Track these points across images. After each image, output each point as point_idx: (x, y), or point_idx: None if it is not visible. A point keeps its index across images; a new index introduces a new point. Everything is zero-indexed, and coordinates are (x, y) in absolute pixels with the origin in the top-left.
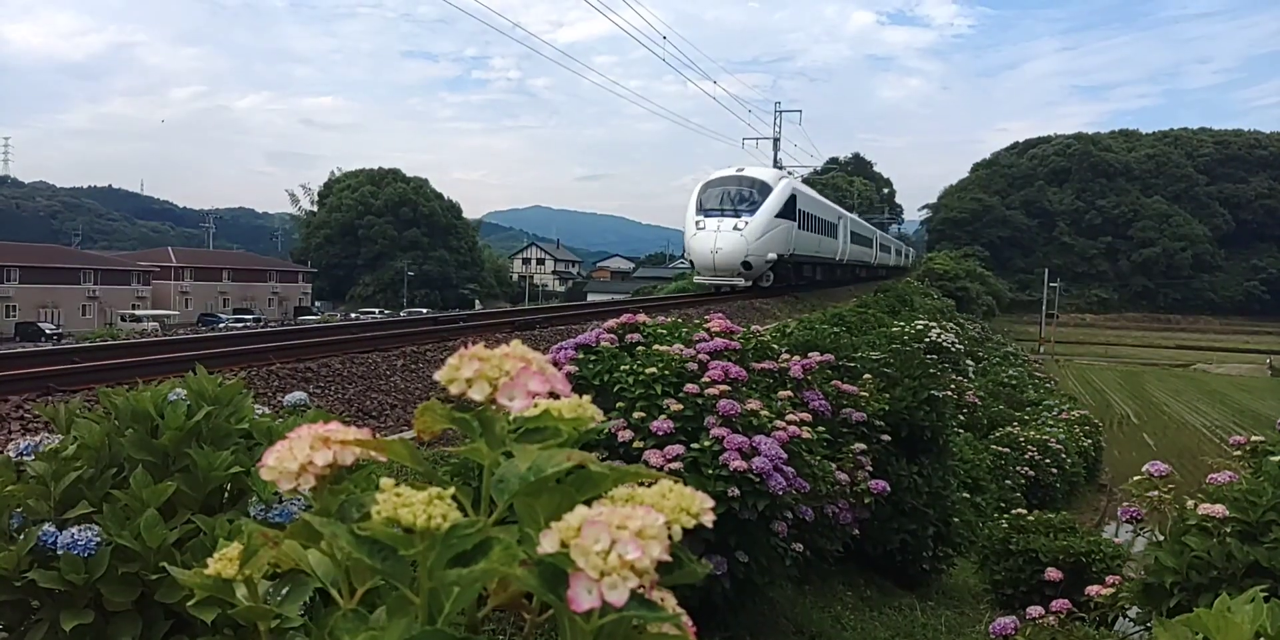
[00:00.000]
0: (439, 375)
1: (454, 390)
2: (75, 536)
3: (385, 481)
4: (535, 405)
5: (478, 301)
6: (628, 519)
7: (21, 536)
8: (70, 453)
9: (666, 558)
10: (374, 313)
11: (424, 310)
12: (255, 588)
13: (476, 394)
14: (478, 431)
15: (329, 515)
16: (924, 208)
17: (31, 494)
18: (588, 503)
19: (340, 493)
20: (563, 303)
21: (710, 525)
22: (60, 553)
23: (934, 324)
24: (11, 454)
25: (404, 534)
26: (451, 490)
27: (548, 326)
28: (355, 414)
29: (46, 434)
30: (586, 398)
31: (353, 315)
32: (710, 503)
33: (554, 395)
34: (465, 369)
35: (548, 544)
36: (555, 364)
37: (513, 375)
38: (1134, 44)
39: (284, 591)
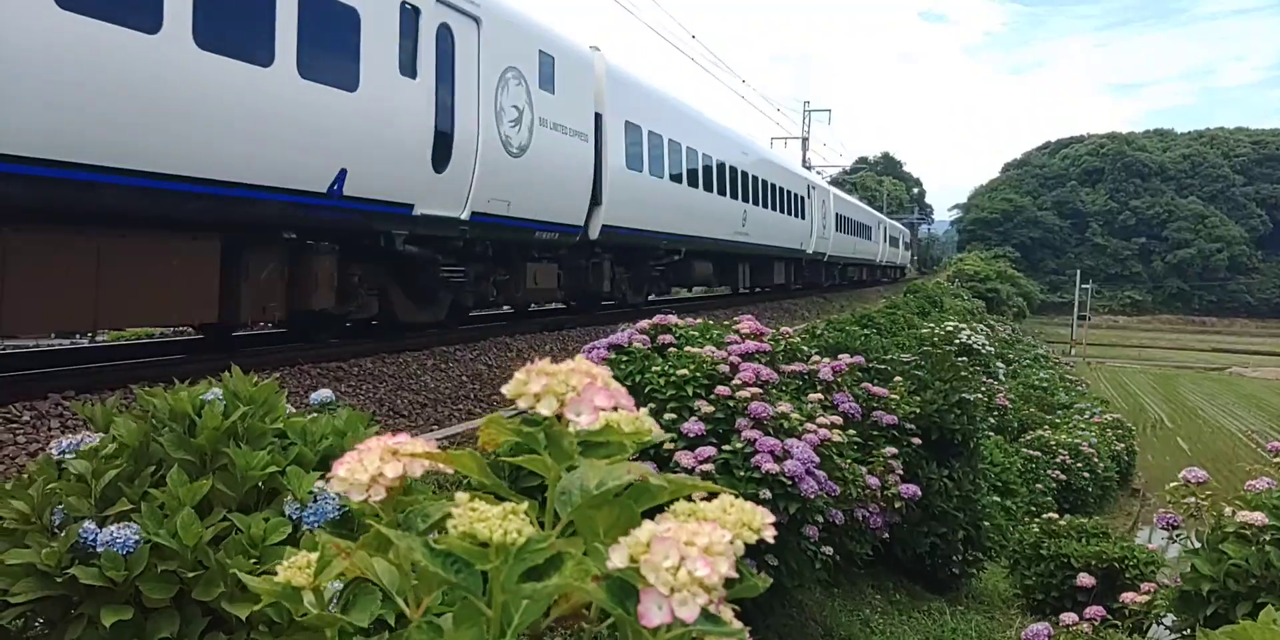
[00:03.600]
0: (506, 389)
1: (522, 404)
2: (115, 534)
3: (460, 496)
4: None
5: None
6: (695, 535)
7: (63, 533)
8: (110, 451)
9: (734, 574)
10: None
11: None
12: (323, 596)
13: (544, 408)
14: (543, 445)
15: (395, 526)
16: (954, 208)
17: (72, 492)
18: (647, 515)
19: (407, 503)
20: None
21: (771, 540)
22: (100, 550)
23: (964, 325)
24: (53, 452)
25: (479, 548)
26: (525, 505)
27: (575, 327)
28: (386, 413)
29: (87, 432)
30: (644, 410)
31: None
32: (771, 518)
33: (614, 408)
34: (533, 384)
35: (618, 559)
36: None
37: (579, 390)
38: (1168, 41)
39: (350, 598)
